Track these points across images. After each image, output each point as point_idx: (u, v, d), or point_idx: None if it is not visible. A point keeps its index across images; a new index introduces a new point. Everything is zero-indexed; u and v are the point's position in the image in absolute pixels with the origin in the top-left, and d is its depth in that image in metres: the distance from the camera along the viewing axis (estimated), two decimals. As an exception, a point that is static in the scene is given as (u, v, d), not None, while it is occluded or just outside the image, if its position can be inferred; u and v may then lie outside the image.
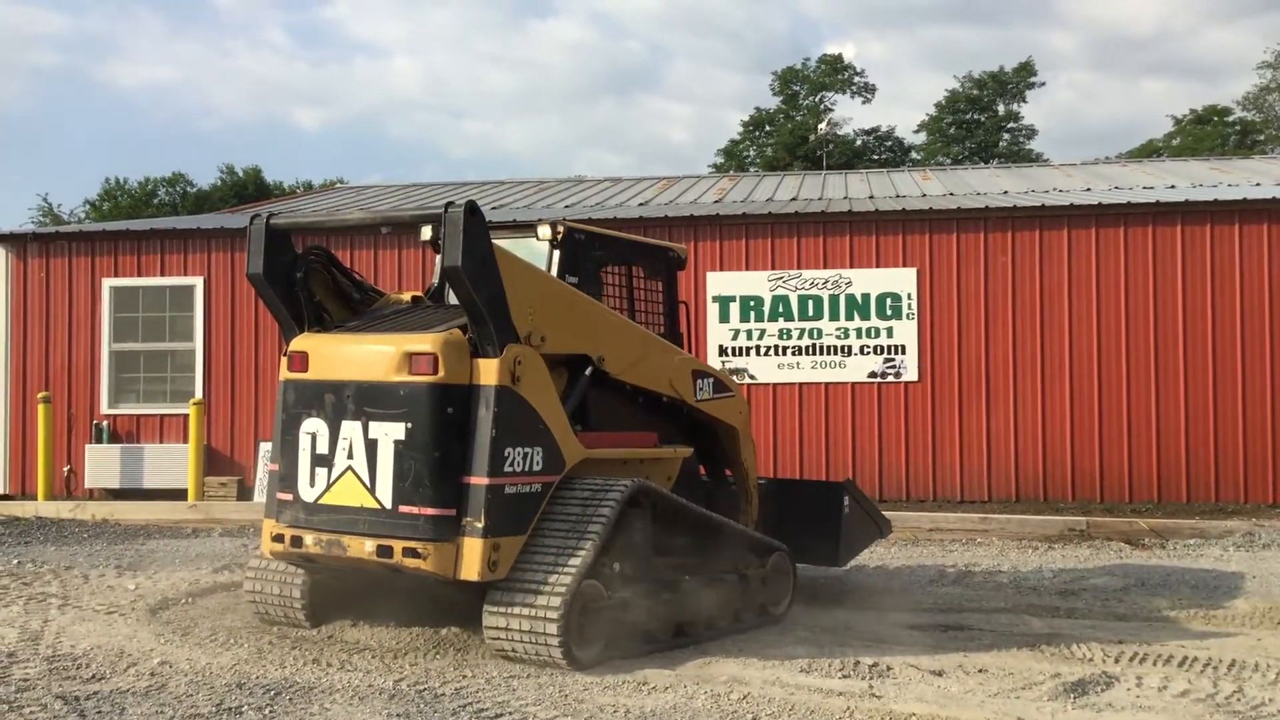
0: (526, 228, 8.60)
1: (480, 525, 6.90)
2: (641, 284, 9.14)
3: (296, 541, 7.38)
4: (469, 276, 6.92)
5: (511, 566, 7.00)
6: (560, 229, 8.14)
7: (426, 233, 7.82)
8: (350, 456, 7.20)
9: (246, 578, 8.20)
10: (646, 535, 7.52)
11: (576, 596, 6.86)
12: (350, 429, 7.19)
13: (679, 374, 8.58)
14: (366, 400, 7.15)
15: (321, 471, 7.30)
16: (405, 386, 7.03)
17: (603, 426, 7.96)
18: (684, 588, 7.78)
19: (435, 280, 8.11)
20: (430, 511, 6.92)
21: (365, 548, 7.06)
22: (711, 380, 8.86)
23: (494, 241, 7.14)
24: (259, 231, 7.77)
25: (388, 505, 7.03)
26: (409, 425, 7.00)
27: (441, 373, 6.98)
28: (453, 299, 7.60)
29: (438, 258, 7.30)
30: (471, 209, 6.97)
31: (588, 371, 7.76)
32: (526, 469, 7.17)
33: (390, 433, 7.04)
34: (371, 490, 7.10)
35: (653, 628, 7.48)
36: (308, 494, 7.36)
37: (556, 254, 8.15)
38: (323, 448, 7.30)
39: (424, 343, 7.08)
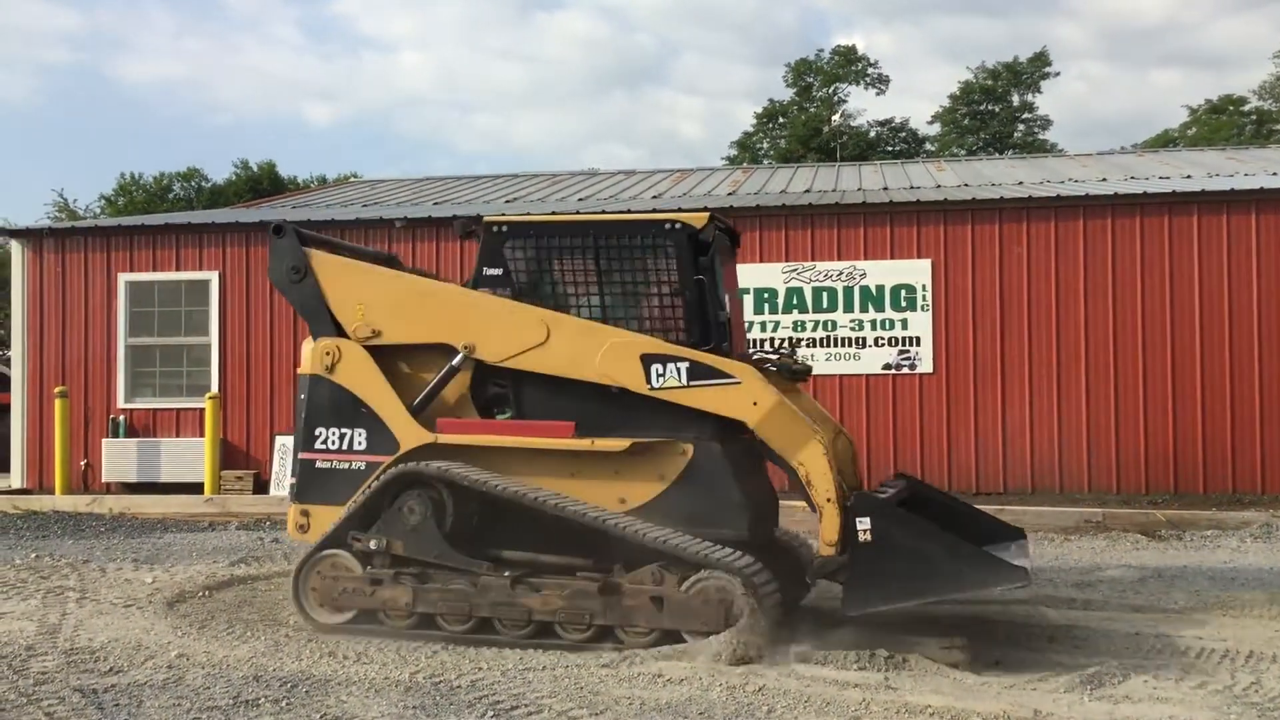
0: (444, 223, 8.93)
1: (294, 492, 8.23)
2: (615, 267, 8.10)
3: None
4: (278, 285, 8.53)
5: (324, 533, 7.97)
6: (473, 227, 8.44)
7: (460, 230, 8.61)
8: None
9: None
10: (431, 520, 7.68)
11: (311, 563, 7.92)
12: None
13: (612, 359, 7.72)
14: None
15: None
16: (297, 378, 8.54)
17: (511, 414, 8.07)
18: (485, 582, 7.52)
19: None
20: (292, 480, 8.35)
21: None
22: (683, 365, 7.65)
23: (314, 249, 8.43)
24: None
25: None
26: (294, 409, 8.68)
27: (301, 365, 8.39)
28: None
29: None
30: (277, 229, 8.47)
31: (455, 361, 8.04)
32: (344, 448, 8.10)
33: None
34: None
35: (444, 612, 7.65)
36: None
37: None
38: None
39: (306, 342, 8.39)
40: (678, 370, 7.63)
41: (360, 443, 8.07)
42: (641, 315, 8.05)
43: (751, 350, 9.18)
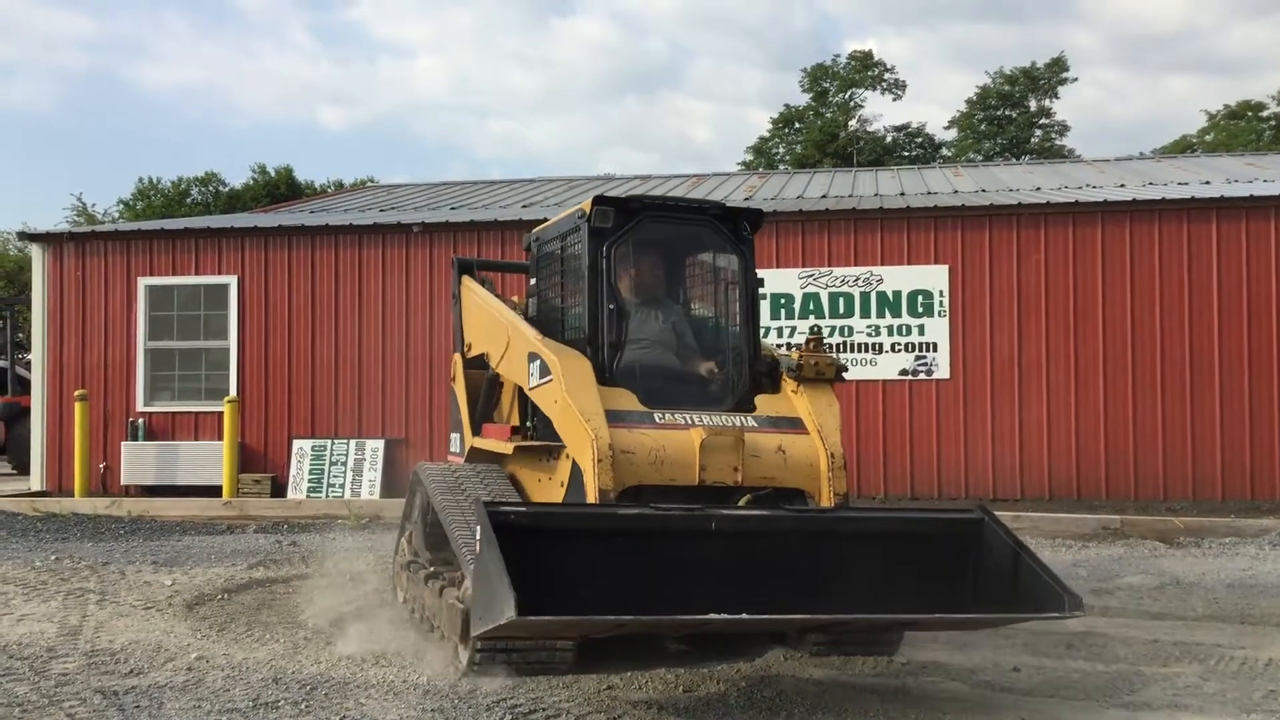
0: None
1: None
2: (559, 267, 7.78)
3: None
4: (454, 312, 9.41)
5: None
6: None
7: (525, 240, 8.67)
8: None
9: None
10: (419, 518, 8.15)
11: (398, 547, 8.80)
12: None
13: (516, 359, 7.63)
14: None
15: None
16: None
17: (500, 419, 8.63)
18: (418, 577, 7.86)
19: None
20: None
21: None
22: (538, 362, 7.16)
23: (468, 278, 9.19)
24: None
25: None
26: None
27: None
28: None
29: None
30: (453, 264, 9.52)
31: (489, 371, 8.65)
32: (455, 450, 9.09)
33: None
34: None
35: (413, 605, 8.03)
36: None
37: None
38: None
39: None
40: (537, 368, 7.18)
41: (457, 445, 9.04)
42: (563, 313, 7.62)
43: (780, 347, 9.31)
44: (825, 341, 8.55)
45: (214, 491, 15.68)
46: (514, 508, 6.02)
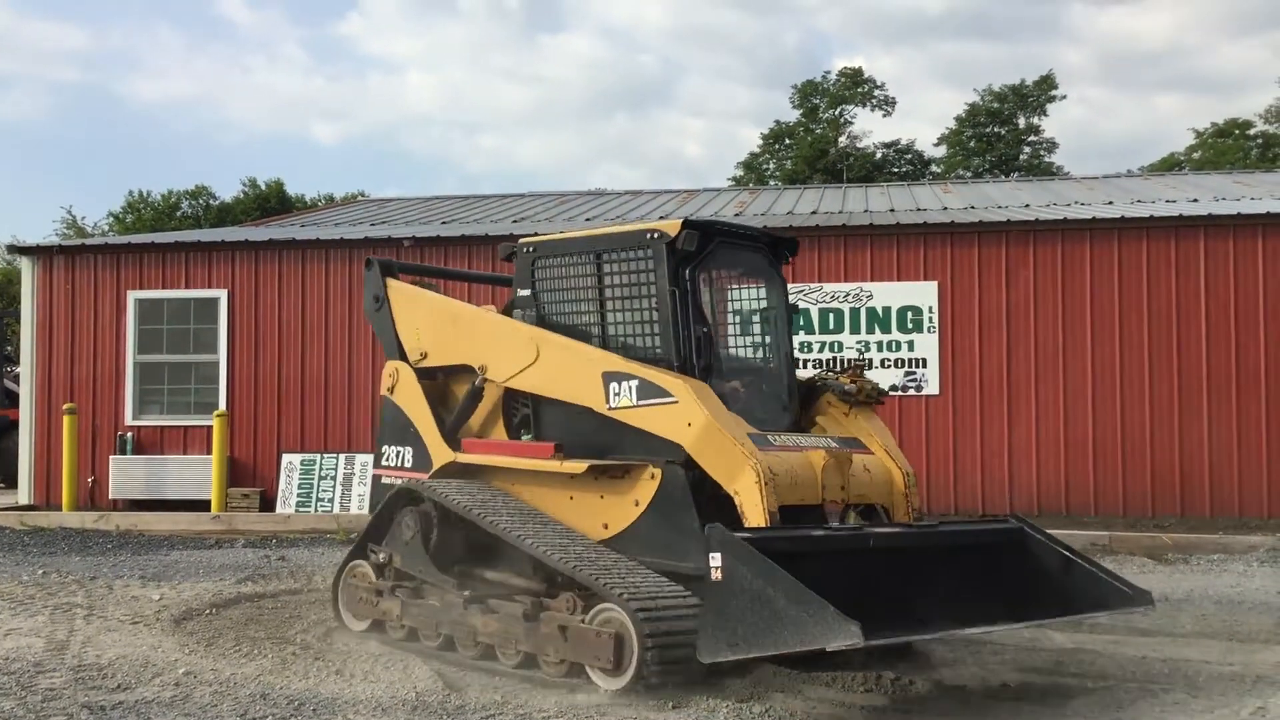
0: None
1: (369, 507, 8.90)
2: (608, 281, 7.80)
3: None
4: (367, 315, 9.26)
5: None
6: (513, 249, 8.44)
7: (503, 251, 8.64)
8: None
9: None
10: (419, 537, 7.82)
11: (346, 570, 8.50)
12: None
13: (582, 378, 7.46)
14: None
15: None
16: None
17: (532, 436, 8.09)
18: (447, 600, 7.59)
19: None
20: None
21: None
22: (634, 383, 7.14)
23: (394, 279, 8.97)
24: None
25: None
26: None
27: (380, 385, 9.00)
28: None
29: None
30: (368, 263, 9.12)
31: (476, 382, 8.26)
32: (399, 464, 8.58)
33: None
34: None
35: (421, 627, 7.79)
36: None
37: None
38: None
39: None
40: (630, 388, 7.16)
41: (408, 460, 8.51)
42: (624, 330, 7.67)
43: (823, 371, 8.99)
44: (859, 363, 9.01)
45: (203, 506, 15.64)
46: (775, 535, 6.35)
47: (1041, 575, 7.14)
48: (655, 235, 7.45)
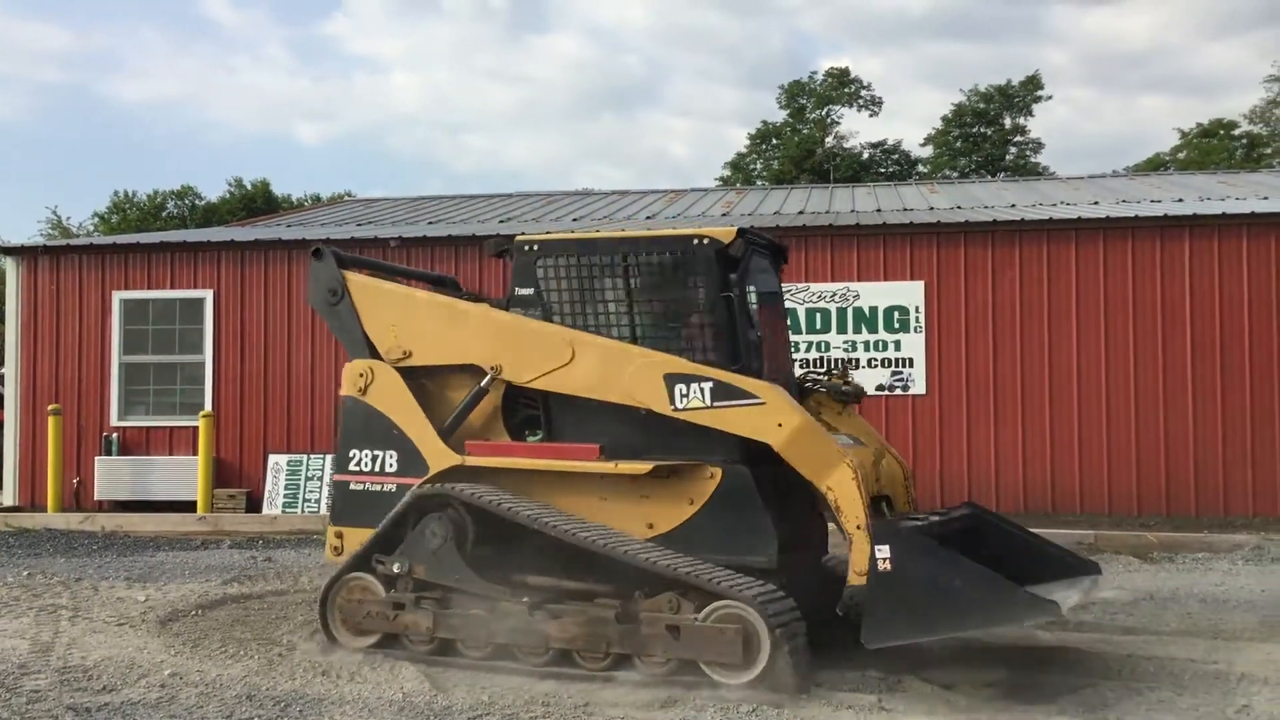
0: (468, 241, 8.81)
1: (330, 514, 8.36)
2: (644, 284, 7.94)
3: None
4: (317, 309, 8.55)
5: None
6: (505, 246, 8.35)
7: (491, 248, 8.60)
8: None
9: None
10: (451, 544, 7.54)
11: (339, 585, 7.87)
12: None
13: (638, 380, 7.49)
14: None
15: None
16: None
17: (541, 436, 8.00)
18: (504, 608, 7.32)
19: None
20: (328, 503, 8.58)
21: None
22: (707, 385, 7.34)
23: (351, 273, 8.44)
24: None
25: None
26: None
27: (342, 386, 8.33)
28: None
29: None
30: (316, 252, 8.46)
31: (484, 382, 7.96)
32: (377, 469, 8.07)
33: None
34: None
35: (464, 638, 7.49)
36: None
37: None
38: None
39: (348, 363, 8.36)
40: (701, 390, 7.34)
41: (391, 465, 8.03)
42: (669, 334, 7.85)
43: (807, 371, 8.92)
44: (844, 362, 9.18)
45: (189, 507, 15.59)
46: (925, 526, 7.32)
47: (1003, 555, 7.62)
48: (705, 241, 7.67)
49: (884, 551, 6.69)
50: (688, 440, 7.46)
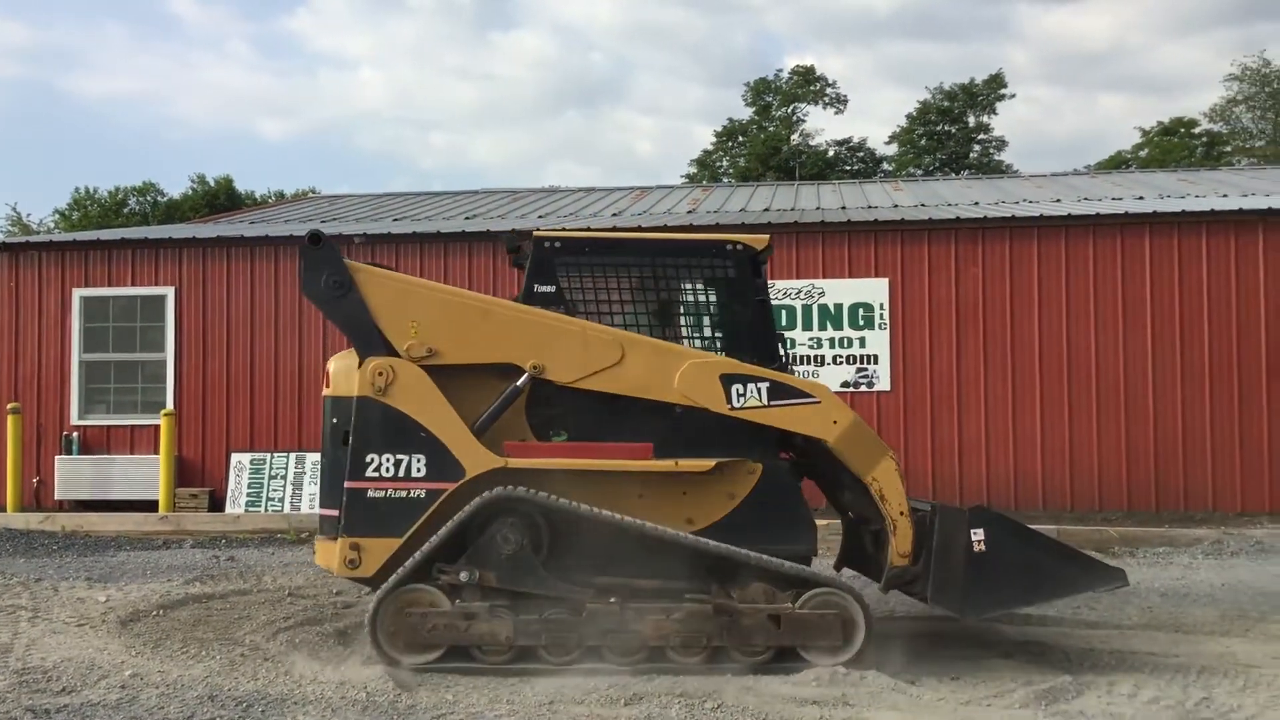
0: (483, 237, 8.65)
1: (341, 525, 7.47)
2: (674, 287, 8.22)
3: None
4: (316, 301, 7.74)
5: (382, 566, 7.39)
6: (520, 242, 8.28)
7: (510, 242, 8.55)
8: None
9: None
10: (527, 549, 7.33)
11: (391, 599, 7.26)
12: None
13: (692, 379, 7.58)
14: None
15: None
16: (325, 400, 7.80)
17: (568, 435, 7.76)
18: (592, 610, 7.21)
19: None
20: (326, 512, 7.68)
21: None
22: (764, 385, 7.64)
23: (355, 262, 7.76)
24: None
25: (317, 508, 8.09)
26: (322, 435, 7.81)
27: (330, 387, 7.70)
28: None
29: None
30: (314, 238, 7.68)
31: (519, 381, 7.63)
32: (401, 475, 7.48)
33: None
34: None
35: (548, 644, 7.25)
36: None
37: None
38: None
39: (333, 360, 7.83)
40: (759, 390, 7.65)
41: (419, 469, 7.48)
42: (702, 335, 8.31)
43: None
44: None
45: (150, 506, 15.45)
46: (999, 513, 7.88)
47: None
48: (739, 247, 8.16)
49: (979, 534, 7.47)
50: (728, 437, 7.67)
